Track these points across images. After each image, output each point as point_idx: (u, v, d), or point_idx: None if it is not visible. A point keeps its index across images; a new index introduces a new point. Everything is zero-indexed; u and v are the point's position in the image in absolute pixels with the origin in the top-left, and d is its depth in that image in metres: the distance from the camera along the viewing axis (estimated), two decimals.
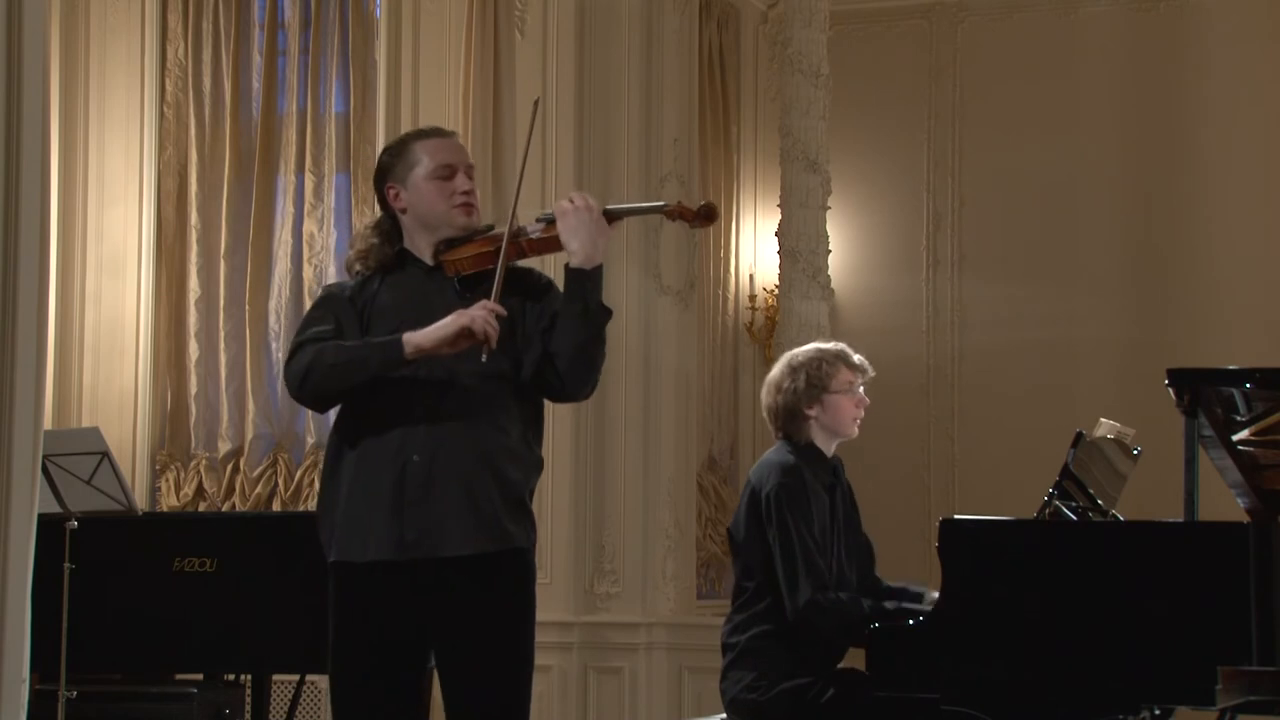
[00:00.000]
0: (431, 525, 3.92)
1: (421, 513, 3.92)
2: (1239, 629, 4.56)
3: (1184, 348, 8.43)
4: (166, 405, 8.65)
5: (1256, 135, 8.96)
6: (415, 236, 4.11)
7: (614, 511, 8.05)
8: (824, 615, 5.01)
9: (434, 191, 4.08)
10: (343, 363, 3.96)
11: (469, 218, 4.09)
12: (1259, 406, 4.81)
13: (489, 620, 3.96)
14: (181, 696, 6.53)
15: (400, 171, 4.10)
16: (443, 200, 4.07)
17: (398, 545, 3.93)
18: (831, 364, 5.27)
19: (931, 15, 9.55)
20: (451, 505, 3.92)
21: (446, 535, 3.92)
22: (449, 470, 3.93)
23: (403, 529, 3.93)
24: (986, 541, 4.91)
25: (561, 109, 8.09)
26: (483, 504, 3.94)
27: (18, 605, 3.71)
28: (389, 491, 3.94)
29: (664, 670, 8.00)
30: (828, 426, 5.26)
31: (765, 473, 5.21)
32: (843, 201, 8.86)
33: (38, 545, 3.84)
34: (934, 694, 4.78)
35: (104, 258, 8.67)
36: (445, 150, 4.11)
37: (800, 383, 5.26)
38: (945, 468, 9.22)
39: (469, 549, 3.93)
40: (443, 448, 3.94)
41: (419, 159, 4.09)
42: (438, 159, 4.09)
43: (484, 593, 3.95)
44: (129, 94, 8.70)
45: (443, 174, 4.07)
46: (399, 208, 4.12)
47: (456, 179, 4.08)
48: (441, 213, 4.08)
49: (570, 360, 3.98)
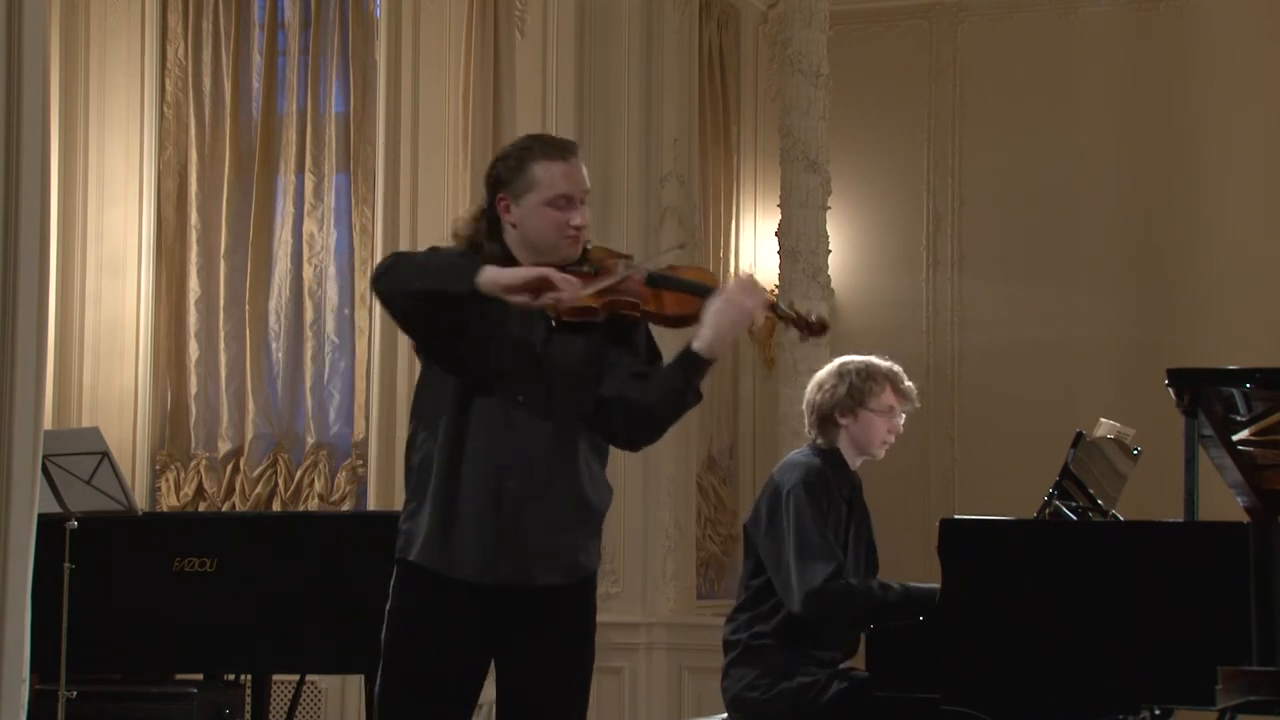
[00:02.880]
0: (522, 556, 3.91)
1: (515, 542, 3.91)
2: (1239, 629, 4.56)
3: (1184, 348, 8.43)
4: (166, 405, 8.65)
5: (1257, 135, 8.96)
6: (519, 249, 3.98)
7: (614, 511, 7.93)
8: (834, 600, 5.01)
9: (547, 220, 3.93)
10: (428, 265, 3.86)
11: (574, 249, 3.96)
12: (1259, 406, 4.82)
13: (555, 649, 3.97)
14: (181, 696, 6.53)
15: (516, 188, 3.96)
16: (554, 230, 3.93)
17: (486, 570, 3.90)
18: (879, 382, 5.25)
19: (931, 15, 9.54)
20: (542, 538, 3.91)
21: (534, 567, 3.91)
22: (537, 497, 3.91)
23: (498, 557, 3.90)
24: (986, 541, 4.91)
25: (561, 109, 8.09)
26: (567, 537, 3.95)
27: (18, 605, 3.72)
28: (486, 514, 3.91)
29: (664, 670, 8.00)
30: (856, 440, 5.26)
31: (790, 471, 5.22)
32: (843, 201, 8.85)
33: (38, 545, 3.84)
34: (934, 694, 4.78)
35: (104, 258, 8.67)
36: (565, 179, 3.93)
37: (842, 390, 5.25)
38: (945, 468, 9.22)
39: (552, 580, 3.94)
40: (537, 476, 3.91)
41: (537, 182, 3.93)
42: (557, 189, 3.93)
43: (554, 621, 3.96)
44: (129, 94, 8.70)
45: (561, 204, 3.94)
46: (508, 220, 3.98)
47: (571, 211, 3.94)
48: (550, 242, 3.94)
49: (641, 419, 3.96)
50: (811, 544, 5.04)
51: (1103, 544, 4.90)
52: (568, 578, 3.96)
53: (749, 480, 9.35)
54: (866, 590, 5.08)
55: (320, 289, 8.45)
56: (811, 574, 5.02)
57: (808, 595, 5.03)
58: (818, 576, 5.02)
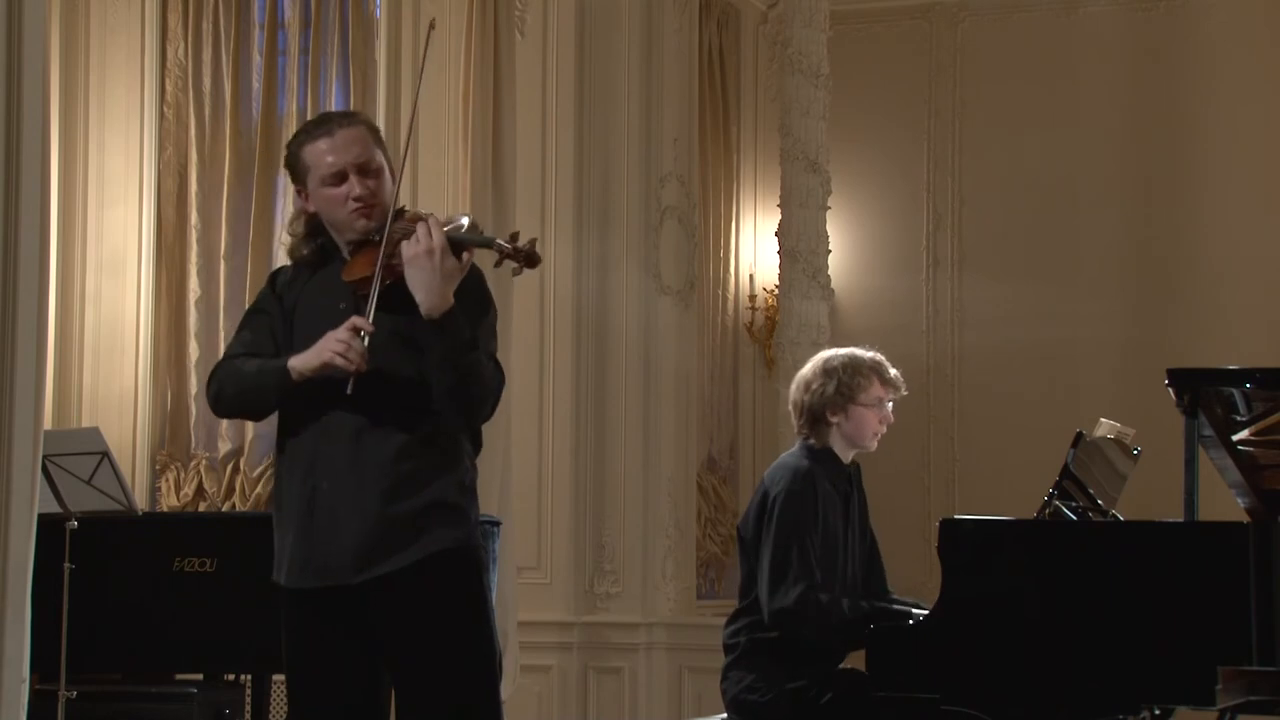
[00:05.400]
0: (334, 554, 3.84)
1: (325, 542, 3.85)
2: (1239, 629, 4.56)
3: (1184, 348, 8.43)
4: (166, 405, 8.64)
5: (1256, 134, 8.96)
6: (332, 234, 4.00)
7: (614, 512, 8.05)
8: (802, 619, 5.01)
9: (330, 199, 3.93)
10: (246, 390, 3.94)
11: (368, 220, 3.91)
12: (1259, 406, 4.82)
13: (417, 635, 3.86)
14: (181, 696, 6.53)
15: (300, 177, 3.97)
16: (339, 206, 3.92)
17: (311, 573, 3.88)
18: (865, 375, 5.22)
19: (931, 15, 9.55)
20: (351, 531, 3.83)
21: (348, 562, 3.83)
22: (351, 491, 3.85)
23: (312, 557, 3.86)
24: (986, 541, 4.91)
25: (561, 109, 8.09)
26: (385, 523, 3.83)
27: (18, 605, 3.71)
28: (298, 520, 3.89)
29: (664, 670, 8.00)
30: (848, 436, 5.24)
31: (778, 475, 5.20)
32: (843, 201, 8.86)
33: (38, 545, 3.84)
34: (934, 694, 4.78)
35: (104, 258, 8.66)
36: (333, 150, 3.92)
37: (830, 388, 5.21)
38: (945, 468, 9.22)
39: (369, 574, 3.84)
40: (347, 468, 3.85)
41: (310, 165, 3.94)
42: (325, 167, 3.92)
43: (407, 608, 3.85)
44: (129, 94, 8.69)
45: (332, 181, 3.92)
46: (311, 210, 3.99)
47: (347, 184, 3.91)
48: (341, 219, 3.93)
49: (449, 399, 3.84)
50: (785, 561, 5.03)
51: (1103, 544, 4.90)
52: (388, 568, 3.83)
53: (749, 480, 9.35)
54: (837, 610, 5.05)
55: None
56: (783, 594, 5.02)
57: (775, 613, 5.04)
58: (789, 596, 5.01)
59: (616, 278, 8.08)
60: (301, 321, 3.96)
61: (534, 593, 7.82)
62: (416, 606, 3.85)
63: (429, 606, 3.85)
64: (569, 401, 7.99)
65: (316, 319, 3.90)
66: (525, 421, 7.85)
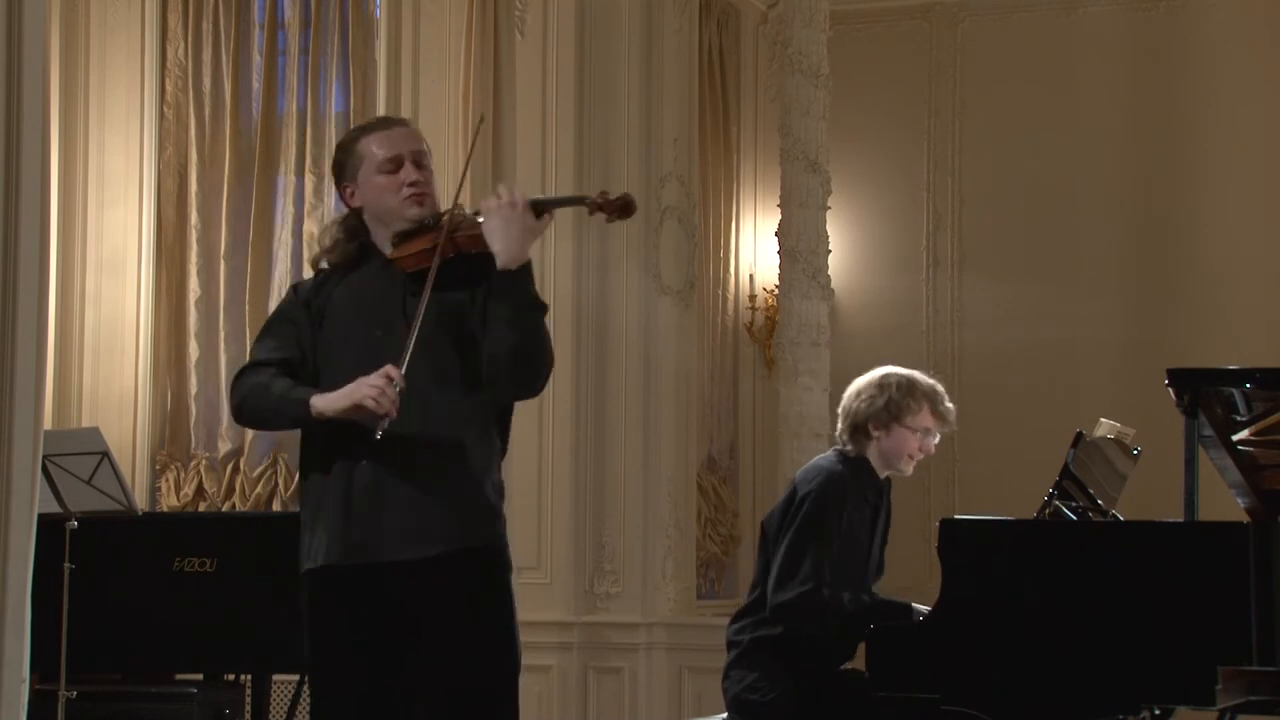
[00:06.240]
0: (374, 531, 3.89)
1: (366, 519, 3.90)
2: (1239, 629, 4.56)
3: (1184, 348, 8.43)
4: (166, 405, 8.64)
5: (1256, 134, 8.96)
6: (375, 231, 4.08)
7: (614, 512, 8.05)
8: (802, 615, 5.03)
9: (383, 186, 4.04)
10: (265, 409, 4.00)
11: (420, 208, 4.03)
12: (1259, 406, 4.82)
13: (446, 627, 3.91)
14: (181, 696, 6.53)
15: (351, 169, 4.08)
16: (392, 194, 4.03)
17: (344, 550, 3.91)
18: (918, 400, 5.24)
19: (931, 15, 9.54)
20: (395, 511, 3.89)
21: (384, 541, 3.89)
22: (395, 476, 3.90)
23: (348, 535, 3.91)
24: (986, 541, 4.91)
25: (561, 109, 8.09)
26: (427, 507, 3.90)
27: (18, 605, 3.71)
28: (339, 499, 3.93)
29: (664, 670, 8.00)
30: (884, 454, 5.25)
31: (811, 475, 5.23)
32: (843, 201, 8.85)
33: (38, 545, 3.84)
34: (934, 694, 4.78)
35: (104, 258, 8.66)
36: (391, 142, 4.06)
37: (880, 401, 5.23)
38: (945, 468, 9.21)
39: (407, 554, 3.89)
40: (391, 453, 3.89)
41: (366, 154, 4.06)
42: (384, 152, 4.04)
43: (439, 597, 3.91)
44: (129, 94, 8.70)
45: (389, 168, 4.03)
46: (355, 205, 4.10)
47: (403, 170, 4.03)
48: (392, 207, 4.04)
49: (508, 364, 3.91)
50: (799, 558, 5.06)
51: (1103, 544, 4.90)
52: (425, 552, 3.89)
53: (749, 480, 9.35)
54: (837, 606, 5.06)
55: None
56: (788, 589, 5.05)
57: (776, 606, 5.08)
58: (790, 592, 5.04)
59: (616, 278, 8.07)
60: (338, 318, 4.02)
61: (534, 593, 7.81)
62: (452, 596, 3.91)
63: (465, 597, 3.92)
64: (569, 401, 7.99)
65: (358, 312, 3.99)
66: (525, 421, 7.82)
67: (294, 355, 4.03)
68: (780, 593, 5.05)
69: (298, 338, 4.05)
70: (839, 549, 5.10)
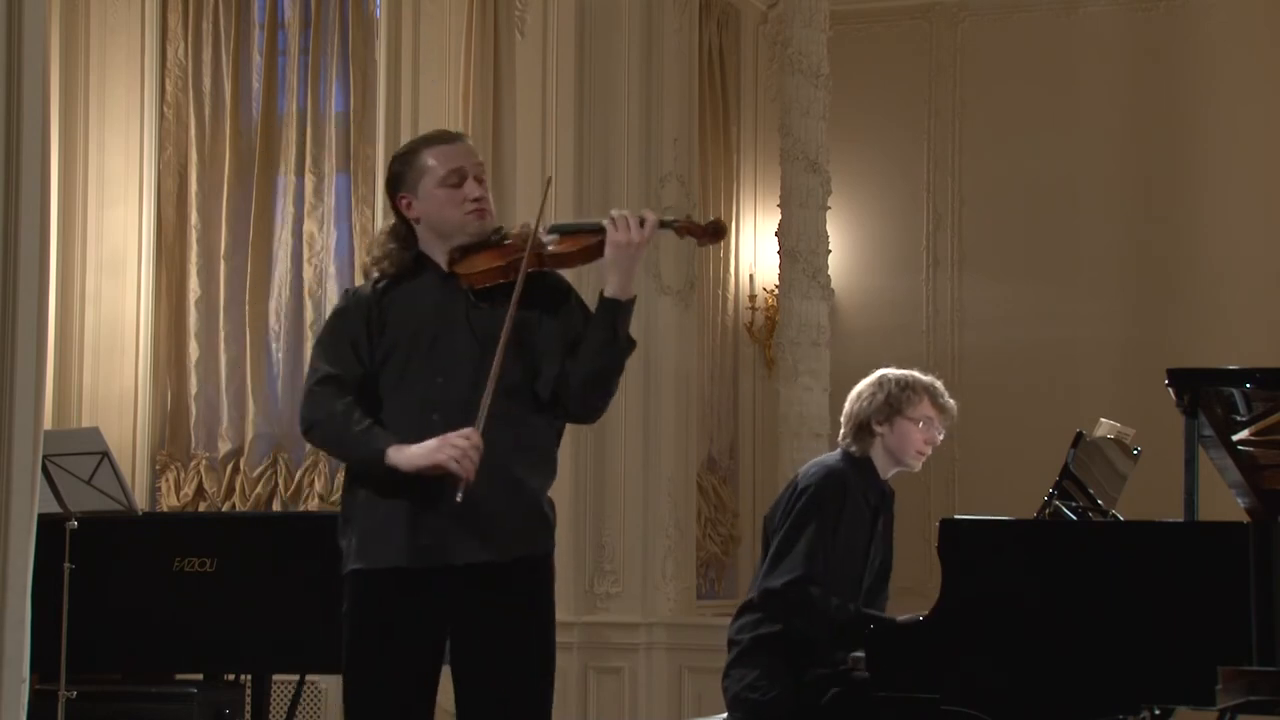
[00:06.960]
0: (443, 534, 3.94)
1: (435, 521, 3.94)
2: (1239, 629, 4.56)
3: (1184, 348, 8.43)
4: (166, 405, 8.65)
5: (1256, 134, 8.96)
6: (431, 243, 4.10)
7: (614, 512, 8.05)
8: (788, 604, 5.04)
9: (445, 199, 4.06)
10: (339, 442, 4.05)
11: (481, 222, 4.07)
12: (1259, 406, 4.82)
13: (501, 629, 3.98)
14: (181, 696, 6.53)
15: (411, 180, 4.09)
16: (454, 208, 4.06)
17: (412, 553, 3.95)
18: (916, 392, 5.28)
19: (931, 15, 9.54)
20: (464, 515, 3.92)
21: (457, 544, 3.93)
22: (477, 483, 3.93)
23: (416, 537, 3.95)
24: (986, 541, 4.91)
25: (561, 109, 8.09)
26: (496, 515, 3.95)
27: (18, 605, 3.71)
28: (406, 500, 3.96)
29: (664, 670, 8.00)
30: (891, 449, 5.27)
31: (813, 470, 5.27)
32: (843, 201, 8.85)
33: (38, 545, 3.84)
34: (934, 694, 4.78)
35: (104, 258, 8.67)
36: (454, 156, 4.09)
37: (880, 398, 5.27)
38: (945, 468, 9.21)
39: (479, 557, 3.94)
40: None
41: (428, 166, 4.08)
42: (447, 165, 4.06)
43: (497, 601, 3.97)
44: (129, 94, 8.70)
45: (452, 181, 4.05)
46: (413, 217, 4.11)
47: (467, 185, 4.06)
48: (454, 221, 4.06)
49: (587, 386, 4.00)
50: (790, 547, 5.08)
51: (1103, 544, 4.90)
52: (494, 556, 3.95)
53: (749, 480, 9.35)
54: (824, 606, 5.07)
55: (320, 289, 8.45)
56: (776, 576, 5.08)
57: (763, 592, 5.11)
58: (778, 579, 5.06)
59: None
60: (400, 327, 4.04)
61: None
62: (505, 602, 3.97)
63: (518, 605, 3.99)
64: None
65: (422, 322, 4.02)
66: None
67: (359, 372, 4.05)
68: (770, 578, 5.10)
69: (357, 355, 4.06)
70: (834, 545, 5.10)
